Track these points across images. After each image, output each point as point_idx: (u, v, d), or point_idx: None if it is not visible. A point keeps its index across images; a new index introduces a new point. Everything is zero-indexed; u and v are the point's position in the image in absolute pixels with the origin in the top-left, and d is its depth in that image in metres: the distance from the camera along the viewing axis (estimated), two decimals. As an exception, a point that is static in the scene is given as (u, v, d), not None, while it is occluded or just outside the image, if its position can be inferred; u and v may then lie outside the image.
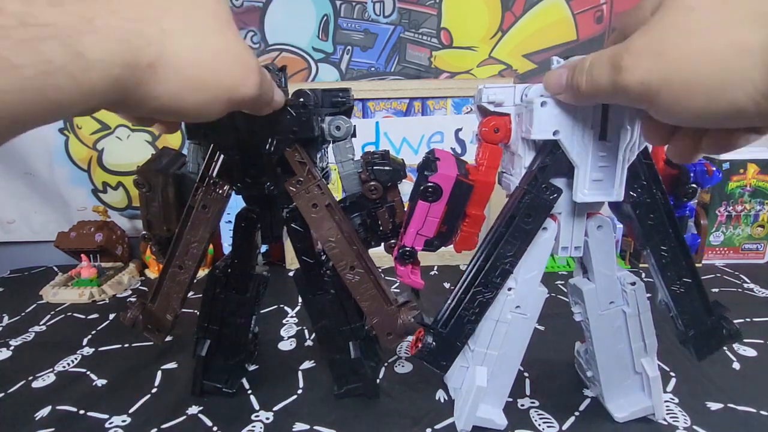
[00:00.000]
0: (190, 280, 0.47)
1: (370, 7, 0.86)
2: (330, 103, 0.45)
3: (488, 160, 0.42)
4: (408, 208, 0.44)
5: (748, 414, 0.48)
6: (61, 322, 0.73)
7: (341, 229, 0.45)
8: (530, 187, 0.39)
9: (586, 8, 0.85)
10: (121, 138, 0.92)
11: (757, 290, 0.77)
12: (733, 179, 0.86)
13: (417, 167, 0.43)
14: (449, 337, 0.43)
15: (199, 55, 0.25)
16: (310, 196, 0.44)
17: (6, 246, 0.98)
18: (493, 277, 0.42)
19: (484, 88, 0.40)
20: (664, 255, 0.42)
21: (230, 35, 0.27)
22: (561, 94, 0.34)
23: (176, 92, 0.24)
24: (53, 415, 0.51)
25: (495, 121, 0.41)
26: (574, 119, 0.36)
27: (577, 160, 0.37)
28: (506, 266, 0.42)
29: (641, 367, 0.47)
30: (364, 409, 0.51)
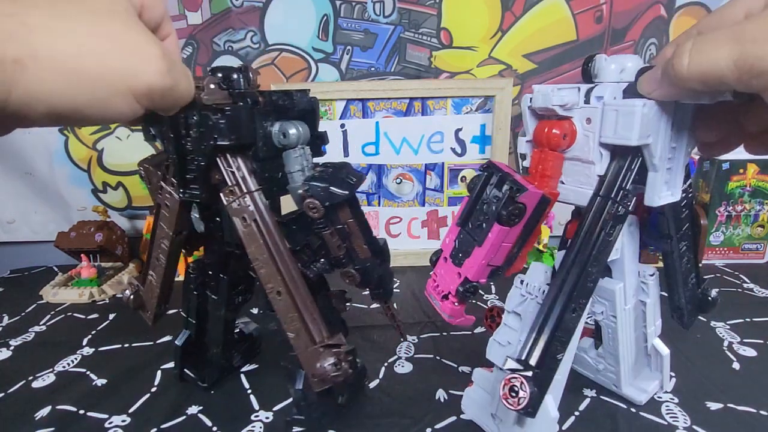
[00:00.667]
0: (165, 271, 0.48)
1: (370, 7, 0.86)
2: (272, 105, 0.40)
3: (552, 169, 0.38)
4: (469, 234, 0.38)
5: (748, 414, 0.48)
6: (61, 322, 0.73)
7: (269, 248, 0.40)
8: (616, 196, 0.37)
9: (586, 8, 0.85)
10: (121, 138, 0.92)
11: (757, 290, 0.77)
12: (733, 179, 0.86)
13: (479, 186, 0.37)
14: (541, 375, 0.37)
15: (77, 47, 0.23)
16: (239, 209, 0.40)
17: (6, 246, 0.98)
18: (582, 297, 0.38)
19: (556, 90, 0.37)
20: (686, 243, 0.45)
21: (117, 25, 0.25)
22: (655, 90, 0.32)
23: (61, 88, 0.23)
24: (53, 415, 0.51)
25: (560, 126, 0.37)
26: (662, 122, 0.35)
27: (658, 165, 0.36)
28: (591, 284, 0.38)
29: (652, 348, 0.50)
30: (363, 409, 0.51)
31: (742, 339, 0.62)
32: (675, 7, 0.86)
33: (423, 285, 0.81)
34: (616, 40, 0.86)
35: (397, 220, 0.94)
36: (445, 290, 0.40)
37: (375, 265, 0.43)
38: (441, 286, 0.40)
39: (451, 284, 0.39)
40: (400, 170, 0.91)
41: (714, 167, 0.86)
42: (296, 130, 0.41)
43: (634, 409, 0.49)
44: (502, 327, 0.44)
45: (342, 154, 0.90)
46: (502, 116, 0.86)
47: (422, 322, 0.69)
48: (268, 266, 0.40)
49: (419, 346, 0.63)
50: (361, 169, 0.91)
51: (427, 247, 0.94)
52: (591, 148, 0.37)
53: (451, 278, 0.39)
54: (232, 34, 0.87)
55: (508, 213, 0.35)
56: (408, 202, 0.93)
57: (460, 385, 0.54)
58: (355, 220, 0.41)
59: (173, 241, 0.46)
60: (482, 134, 0.89)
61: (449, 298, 0.39)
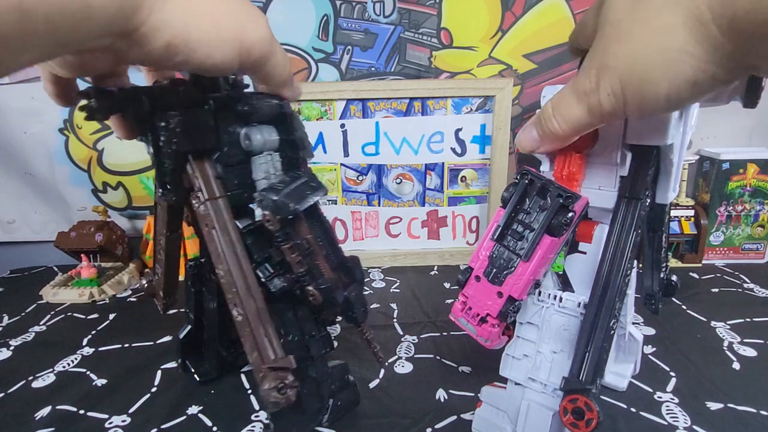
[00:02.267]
0: (165, 267, 0.49)
1: (370, 7, 0.86)
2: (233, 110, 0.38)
3: (579, 173, 0.37)
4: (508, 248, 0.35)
5: (747, 414, 0.48)
6: (61, 322, 0.73)
7: (227, 259, 0.38)
8: (644, 197, 0.37)
9: (586, 8, 0.85)
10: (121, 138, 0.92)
11: (757, 290, 0.77)
12: (733, 179, 0.86)
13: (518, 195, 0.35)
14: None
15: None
16: (202, 215, 0.38)
17: (6, 246, 0.98)
18: (620, 302, 0.36)
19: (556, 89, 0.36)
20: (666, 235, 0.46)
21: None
22: (539, 148, 0.35)
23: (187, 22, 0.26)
24: (53, 415, 0.51)
25: None
26: (680, 122, 0.36)
27: (675, 163, 0.38)
28: (625, 287, 0.36)
29: (629, 336, 0.51)
30: (363, 409, 0.51)
31: (742, 339, 0.62)
32: (675, 7, 0.86)
33: (423, 285, 0.82)
34: (616, 40, 0.86)
35: (397, 220, 0.94)
36: (481, 312, 0.36)
37: (339, 286, 0.40)
38: (475, 308, 0.36)
39: (491, 305, 0.35)
40: (400, 170, 0.91)
41: (714, 167, 0.86)
42: (260, 135, 0.39)
43: (634, 409, 0.49)
44: (516, 340, 0.41)
45: (342, 155, 0.90)
46: (502, 116, 0.86)
47: (422, 322, 0.69)
48: (227, 276, 0.38)
49: (419, 346, 0.63)
50: (362, 169, 0.91)
51: (427, 247, 0.94)
52: (614, 149, 0.37)
53: (489, 298, 0.36)
54: (232, 34, 0.87)
55: (559, 223, 0.33)
56: (408, 202, 0.93)
57: (460, 385, 0.54)
58: (316, 236, 0.38)
59: (168, 239, 0.47)
60: (482, 134, 0.89)
61: (488, 321, 0.36)
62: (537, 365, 0.39)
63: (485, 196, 0.92)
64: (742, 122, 0.91)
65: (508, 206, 0.35)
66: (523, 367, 0.40)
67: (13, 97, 0.85)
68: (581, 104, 0.30)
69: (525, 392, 0.40)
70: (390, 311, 0.73)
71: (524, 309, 0.40)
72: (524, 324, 0.41)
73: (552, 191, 0.34)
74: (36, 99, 0.86)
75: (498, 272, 0.35)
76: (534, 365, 0.40)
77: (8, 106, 0.86)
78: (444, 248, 0.94)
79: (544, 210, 0.34)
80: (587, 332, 0.35)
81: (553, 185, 0.34)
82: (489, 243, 0.36)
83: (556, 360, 0.38)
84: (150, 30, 0.25)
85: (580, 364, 0.35)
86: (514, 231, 0.35)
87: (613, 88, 0.28)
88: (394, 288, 0.82)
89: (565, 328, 0.39)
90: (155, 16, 0.25)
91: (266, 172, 0.40)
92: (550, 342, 0.39)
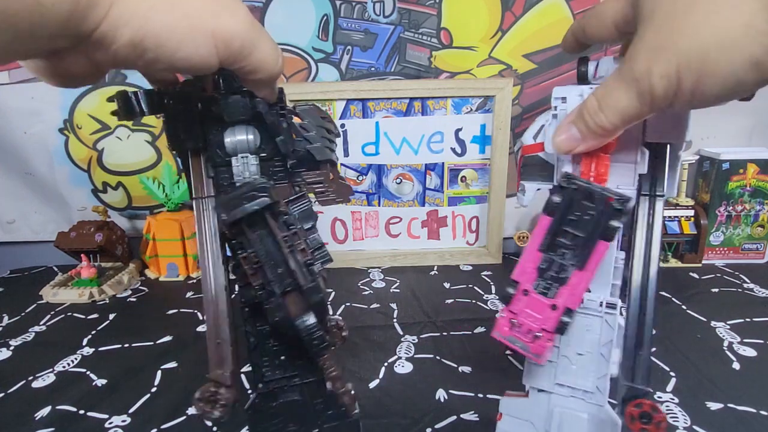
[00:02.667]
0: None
1: (370, 7, 0.86)
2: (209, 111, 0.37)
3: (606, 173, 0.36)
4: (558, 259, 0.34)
5: (748, 414, 0.48)
6: (61, 322, 0.73)
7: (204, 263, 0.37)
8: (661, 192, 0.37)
9: (586, 8, 0.85)
10: (121, 138, 0.92)
11: (757, 290, 0.77)
12: (733, 179, 0.86)
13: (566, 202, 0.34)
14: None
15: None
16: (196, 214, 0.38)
17: (6, 246, 0.98)
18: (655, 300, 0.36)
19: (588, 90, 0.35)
20: None
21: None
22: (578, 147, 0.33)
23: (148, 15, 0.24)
24: (53, 415, 0.51)
25: None
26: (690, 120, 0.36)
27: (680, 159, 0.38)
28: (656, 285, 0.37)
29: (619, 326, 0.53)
30: (363, 409, 0.51)
31: (742, 339, 0.62)
32: (675, 7, 0.86)
33: (423, 285, 0.82)
34: (616, 40, 0.86)
35: (397, 220, 0.94)
36: (534, 328, 0.34)
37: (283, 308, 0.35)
38: (527, 324, 0.35)
39: (545, 320, 0.34)
40: (400, 170, 0.91)
41: (714, 167, 0.86)
42: (230, 137, 0.37)
43: (634, 409, 0.49)
44: None
45: (342, 155, 0.90)
46: (502, 116, 0.86)
47: (422, 322, 0.69)
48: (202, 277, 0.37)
49: (419, 346, 0.63)
50: (361, 169, 0.91)
51: (426, 247, 0.94)
52: (633, 147, 0.37)
53: (542, 312, 0.34)
54: (232, 34, 0.87)
55: (613, 226, 0.32)
56: (408, 202, 0.93)
57: (460, 385, 0.54)
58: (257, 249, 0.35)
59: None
60: (482, 134, 0.89)
61: (543, 336, 0.34)
62: (563, 369, 0.39)
63: (485, 196, 0.92)
64: (742, 122, 0.91)
65: (557, 214, 0.33)
66: (548, 373, 0.39)
67: (13, 97, 0.85)
68: (630, 91, 0.28)
69: (551, 398, 0.39)
70: (390, 311, 0.73)
71: None
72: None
73: (598, 195, 0.33)
74: (36, 99, 0.86)
75: (549, 284, 0.34)
76: (559, 370, 0.39)
77: (8, 106, 0.86)
78: (444, 248, 0.94)
79: (592, 215, 0.33)
80: (634, 335, 0.35)
81: (599, 188, 0.33)
82: (536, 254, 0.34)
83: (581, 362, 0.38)
84: (109, 28, 0.23)
85: (633, 368, 0.35)
86: (561, 240, 0.33)
87: (667, 70, 0.25)
88: (394, 288, 0.82)
89: (588, 328, 0.38)
90: (114, 12, 0.23)
91: (240, 174, 0.38)
92: (574, 344, 0.39)
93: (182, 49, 0.26)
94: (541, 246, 0.34)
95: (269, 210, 0.35)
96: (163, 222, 0.87)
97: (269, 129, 0.39)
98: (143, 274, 0.91)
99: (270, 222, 0.35)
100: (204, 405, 0.35)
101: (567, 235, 0.33)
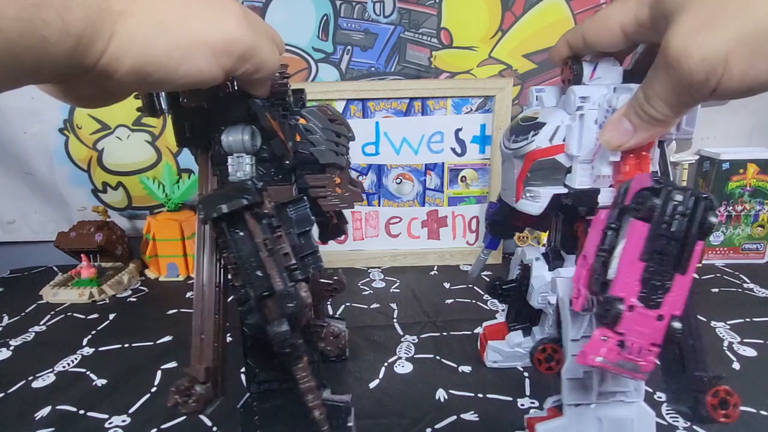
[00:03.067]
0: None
1: (370, 7, 0.86)
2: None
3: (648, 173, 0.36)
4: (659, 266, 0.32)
5: (748, 414, 0.48)
6: (61, 322, 0.73)
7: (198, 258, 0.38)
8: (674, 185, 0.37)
9: (586, 8, 0.85)
10: (121, 138, 0.92)
11: (757, 290, 0.77)
12: (733, 179, 0.86)
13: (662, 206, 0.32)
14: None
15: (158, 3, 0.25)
16: None
17: (6, 246, 0.98)
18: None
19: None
20: None
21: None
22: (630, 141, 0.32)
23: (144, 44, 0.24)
24: (53, 415, 0.51)
25: None
26: None
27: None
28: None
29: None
30: (363, 409, 0.51)
31: (742, 339, 0.62)
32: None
33: (423, 285, 0.82)
34: (616, 40, 0.86)
35: (397, 220, 0.94)
36: (645, 345, 0.32)
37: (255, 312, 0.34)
38: (637, 342, 0.32)
39: (653, 333, 0.32)
40: (400, 170, 0.91)
41: (714, 167, 0.86)
42: (225, 137, 0.37)
43: (634, 409, 0.49)
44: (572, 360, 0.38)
45: (342, 154, 0.90)
46: (502, 116, 0.86)
47: (422, 322, 0.69)
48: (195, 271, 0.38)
49: (419, 346, 0.63)
50: (361, 169, 0.91)
51: (426, 247, 0.94)
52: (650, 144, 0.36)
53: (649, 326, 0.32)
54: (232, 34, 0.87)
55: (711, 224, 0.31)
56: (408, 202, 0.93)
57: (460, 385, 0.54)
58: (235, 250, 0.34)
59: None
60: (482, 134, 0.89)
61: (651, 351, 0.32)
62: (604, 377, 0.38)
63: (485, 196, 0.92)
64: (742, 122, 0.91)
65: (656, 218, 0.31)
66: (588, 386, 0.39)
67: (13, 97, 0.85)
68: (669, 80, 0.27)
69: (590, 409, 0.39)
70: (390, 311, 0.73)
71: (574, 325, 0.39)
72: (579, 340, 0.39)
73: (686, 194, 0.31)
74: (36, 99, 0.86)
75: (652, 294, 0.32)
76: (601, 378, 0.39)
77: (8, 106, 0.86)
78: (444, 248, 0.94)
79: (687, 214, 0.31)
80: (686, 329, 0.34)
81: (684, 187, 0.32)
82: (637, 265, 0.32)
83: None
84: (111, 59, 0.23)
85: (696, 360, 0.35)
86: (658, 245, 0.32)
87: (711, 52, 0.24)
88: (394, 288, 0.82)
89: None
90: (113, 44, 0.23)
91: (233, 174, 0.38)
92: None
93: (182, 68, 0.26)
94: (643, 255, 0.32)
95: (249, 211, 0.34)
96: (163, 222, 0.87)
97: (261, 130, 0.38)
98: (143, 274, 0.91)
99: (249, 223, 0.34)
100: (178, 398, 0.35)
101: (663, 238, 0.31)
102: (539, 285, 0.49)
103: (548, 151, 0.38)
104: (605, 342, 0.32)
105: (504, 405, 0.51)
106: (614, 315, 0.32)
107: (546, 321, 0.53)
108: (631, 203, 0.32)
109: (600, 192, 0.38)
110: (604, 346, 0.32)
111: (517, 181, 0.41)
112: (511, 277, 0.55)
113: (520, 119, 0.42)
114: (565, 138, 0.38)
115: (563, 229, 0.46)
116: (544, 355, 0.41)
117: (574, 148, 0.37)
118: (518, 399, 0.52)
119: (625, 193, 0.33)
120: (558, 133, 0.38)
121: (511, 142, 0.41)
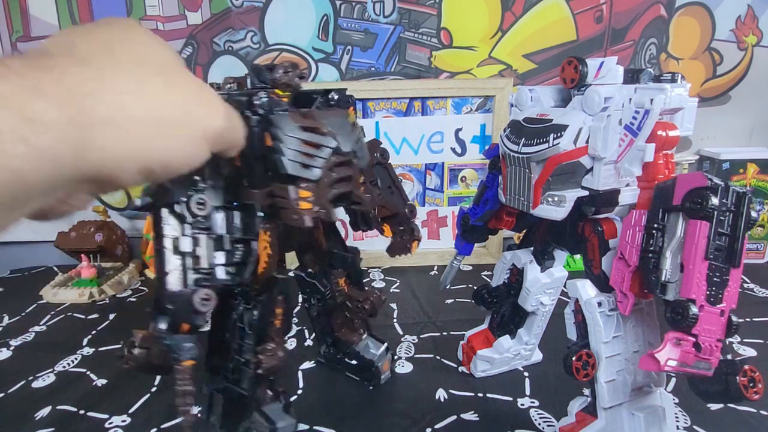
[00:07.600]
0: None
1: (370, 7, 0.86)
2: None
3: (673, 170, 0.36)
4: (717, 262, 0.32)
5: (748, 414, 0.48)
6: (61, 322, 0.73)
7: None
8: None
9: (586, 8, 0.85)
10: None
11: (757, 290, 0.77)
12: (733, 179, 0.86)
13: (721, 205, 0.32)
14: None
15: (157, 101, 0.25)
16: None
17: (6, 246, 0.98)
18: None
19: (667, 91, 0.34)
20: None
21: (184, 78, 0.27)
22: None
23: (145, 141, 0.24)
24: (53, 415, 0.51)
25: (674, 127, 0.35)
26: None
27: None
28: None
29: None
30: (364, 409, 0.51)
31: (742, 339, 0.62)
32: (675, 7, 0.86)
33: (423, 285, 0.82)
34: (616, 40, 0.86)
35: (397, 220, 0.94)
36: (713, 342, 0.32)
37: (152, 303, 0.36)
38: (708, 341, 0.32)
39: (718, 329, 0.32)
40: (400, 170, 0.91)
41: (714, 167, 0.86)
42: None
43: (634, 409, 0.49)
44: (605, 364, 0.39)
45: (342, 154, 0.90)
46: (502, 116, 0.86)
47: (422, 322, 0.69)
48: None
49: (419, 346, 0.63)
50: (361, 169, 0.91)
51: (427, 247, 0.94)
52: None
53: (715, 323, 0.32)
54: (232, 34, 0.87)
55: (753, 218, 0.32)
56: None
57: (460, 385, 0.54)
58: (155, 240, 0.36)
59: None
60: (482, 134, 0.89)
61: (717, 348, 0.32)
62: (631, 373, 0.39)
63: (485, 196, 0.92)
64: (742, 122, 0.91)
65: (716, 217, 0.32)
66: (621, 385, 0.39)
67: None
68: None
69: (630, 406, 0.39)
70: (390, 311, 0.73)
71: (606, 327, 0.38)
72: (609, 342, 0.39)
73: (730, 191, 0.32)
74: (36, 99, 0.86)
75: (715, 291, 0.32)
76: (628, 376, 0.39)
77: (8, 106, 0.86)
78: (444, 248, 0.94)
79: (734, 211, 0.32)
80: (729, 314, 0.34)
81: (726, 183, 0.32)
82: (702, 264, 0.32)
83: (636, 359, 0.38)
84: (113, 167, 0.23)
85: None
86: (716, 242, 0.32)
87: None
88: (394, 288, 0.82)
89: (634, 324, 0.39)
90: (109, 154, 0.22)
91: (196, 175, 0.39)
92: (630, 344, 0.39)
93: (188, 159, 0.27)
94: (708, 254, 0.32)
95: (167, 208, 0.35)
96: (163, 222, 0.87)
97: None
98: (143, 274, 0.91)
99: (159, 217, 0.35)
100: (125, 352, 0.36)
101: (722, 236, 0.32)
102: (535, 288, 0.49)
103: (572, 154, 0.37)
104: (680, 345, 0.32)
105: (504, 405, 0.51)
106: (692, 318, 0.32)
107: (533, 323, 0.53)
108: (683, 203, 0.32)
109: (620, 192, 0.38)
110: (679, 350, 0.32)
111: (536, 186, 0.39)
112: (498, 283, 0.55)
113: (523, 121, 0.41)
114: (588, 139, 0.37)
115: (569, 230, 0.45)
116: (581, 363, 0.39)
117: (600, 150, 0.36)
118: (518, 399, 0.52)
119: (671, 193, 0.33)
120: (581, 135, 0.37)
121: (521, 146, 0.39)
